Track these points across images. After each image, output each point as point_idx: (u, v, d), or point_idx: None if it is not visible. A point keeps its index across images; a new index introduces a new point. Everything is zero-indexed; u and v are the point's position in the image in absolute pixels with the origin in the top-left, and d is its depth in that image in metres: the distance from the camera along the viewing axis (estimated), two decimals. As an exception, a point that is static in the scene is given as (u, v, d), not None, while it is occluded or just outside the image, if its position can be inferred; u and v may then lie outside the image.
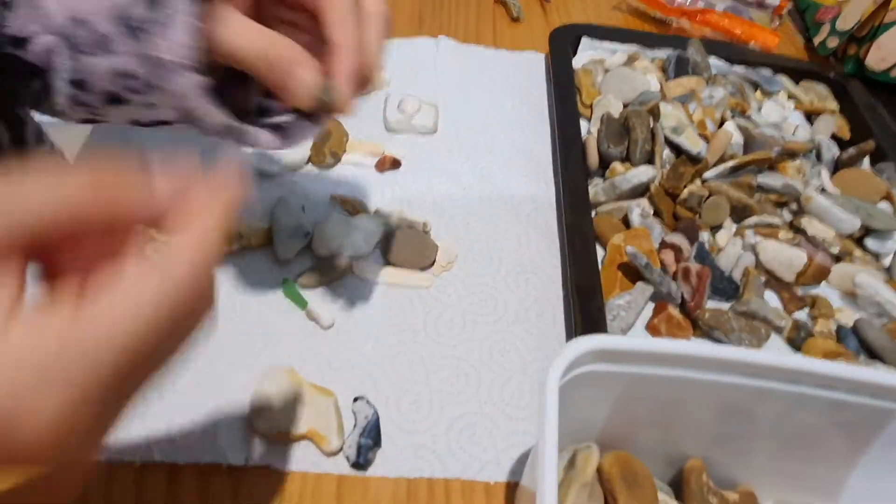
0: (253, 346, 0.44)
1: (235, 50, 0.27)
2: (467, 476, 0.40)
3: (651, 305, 0.50)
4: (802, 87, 0.71)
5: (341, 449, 0.40)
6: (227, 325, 0.45)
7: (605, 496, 0.35)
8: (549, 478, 0.27)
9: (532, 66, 0.70)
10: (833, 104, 0.69)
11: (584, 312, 0.45)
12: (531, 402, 0.44)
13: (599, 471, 0.35)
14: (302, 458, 0.40)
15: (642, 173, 0.53)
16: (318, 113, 0.29)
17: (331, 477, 0.39)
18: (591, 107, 0.63)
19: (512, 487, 0.40)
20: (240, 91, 0.31)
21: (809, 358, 0.33)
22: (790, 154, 0.58)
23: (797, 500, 0.40)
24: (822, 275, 0.52)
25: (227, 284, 0.47)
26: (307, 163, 0.56)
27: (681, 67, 0.67)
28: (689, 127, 0.56)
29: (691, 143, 0.55)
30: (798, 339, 0.48)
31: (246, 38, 0.26)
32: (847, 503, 0.39)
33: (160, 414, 0.40)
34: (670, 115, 0.57)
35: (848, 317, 0.51)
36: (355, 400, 0.42)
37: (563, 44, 0.68)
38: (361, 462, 0.39)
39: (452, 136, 0.61)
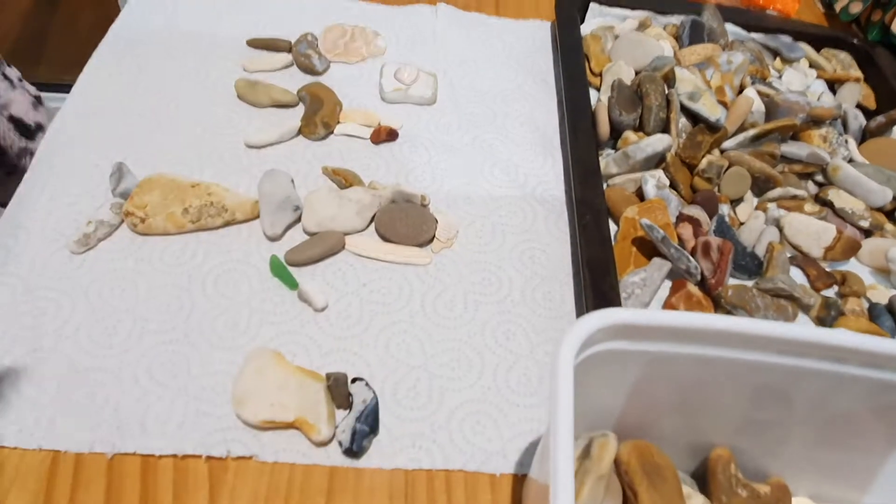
0: (237, 328, 0.40)
1: None
2: (470, 468, 0.37)
3: (668, 284, 0.46)
4: (824, 54, 0.67)
5: (332, 438, 0.37)
6: (208, 305, 0.41)
7: (623, 489, 0.31)
8: (563, 469, 0.23)
9: (537, 35, 0.67)
10: (857, 72, 0.65)
11: (596, 290, 0.42)
12: (539, 388, 0.40)
13: (617, 462, 0.32)
14: (289, 449, 0.36)
15: (657, 142, 0.50)
16: None
17: (321, 469, 0.36)
18: (600, 75, 0.59)
19: (519, 480, 0.37)
20: None
21: (853, 332, 0.29)
22: (815, 121, 0.54)
23: (832, 494, 0.36)
24: (852, 249, 0.48)
25: (209, 261, 0.44)
26: (297, 134, 0.52)
27: (695, 34, 0.63)
28: (707, 93, 0.53)
29: (709, 109, 0.52)
30: (828, 319, 0.45)
31: None
32: (879, 493, 0.36)
33: (133, 399, 0.37)
34: (686, 80, 0.53)
35: (881, 294, 0.47)
36: (353, 381, 0.39)
37: (570, 10, 0.64)
38: (355, 449, 0.36)
39: (452, 106, 0.57)
